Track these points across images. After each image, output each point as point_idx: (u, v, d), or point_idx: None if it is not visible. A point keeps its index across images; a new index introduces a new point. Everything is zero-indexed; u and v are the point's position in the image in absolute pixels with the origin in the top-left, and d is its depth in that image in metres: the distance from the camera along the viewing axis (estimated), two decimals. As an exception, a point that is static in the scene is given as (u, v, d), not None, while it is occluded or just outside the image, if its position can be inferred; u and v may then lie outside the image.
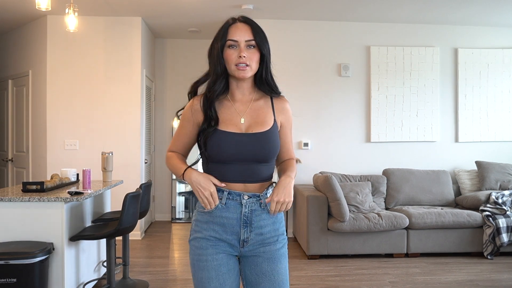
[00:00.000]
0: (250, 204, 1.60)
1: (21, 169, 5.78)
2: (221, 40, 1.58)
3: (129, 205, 3.09)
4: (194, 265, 1.63)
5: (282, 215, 1.69)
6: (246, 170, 1.59)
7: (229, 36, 1.57)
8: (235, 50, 1.57)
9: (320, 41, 5.47)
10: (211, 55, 1.63)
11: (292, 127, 1.75)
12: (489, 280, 3.88)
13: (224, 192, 1.59)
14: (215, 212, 1.60)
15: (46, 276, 2.73)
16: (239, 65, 1.56)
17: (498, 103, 5.63)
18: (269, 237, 1.63)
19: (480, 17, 5.31)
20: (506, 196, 4.78)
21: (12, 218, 2.83)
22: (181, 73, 6.55)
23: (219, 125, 1.59)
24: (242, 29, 1.58)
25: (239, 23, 1.59)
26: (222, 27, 1.60)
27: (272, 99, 1.68)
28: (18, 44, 5.79)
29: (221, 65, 1.59)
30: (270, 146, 1.60)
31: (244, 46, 1.56)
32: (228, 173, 1.59)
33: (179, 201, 6.59)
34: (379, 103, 5.48)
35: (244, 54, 1.55)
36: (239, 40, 1.56)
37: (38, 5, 3.48)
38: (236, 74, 1.58)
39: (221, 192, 1.60)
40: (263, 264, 1.62)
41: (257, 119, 1.62)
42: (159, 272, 4.08)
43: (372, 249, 4.53)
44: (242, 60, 1.55)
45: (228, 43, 1.57)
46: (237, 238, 1.60)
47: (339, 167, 5.30)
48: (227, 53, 1.58)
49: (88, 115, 5.28)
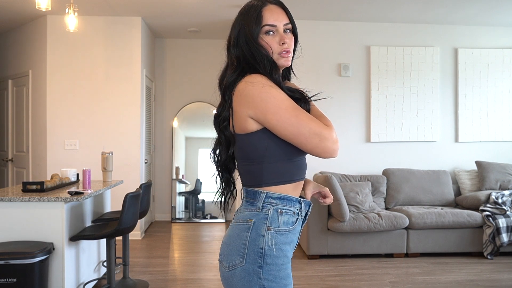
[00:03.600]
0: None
1: (21, 169, 5.78)
2: (255, 26, 1.35)
3: (129, 205, 3.09)
4: None
5: None
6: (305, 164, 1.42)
7: (266, 21, 1.35)
8: (273, 36, 1.36)
9: (320, 41, 5.47)
10: (246, 42, 1.36)
11: None
12: (489, 280, 3.88)
13: (300, 203, 1.37)
14: (297, 228, 1.37)
15: (46, 276, 2.73)
16: (282, 53, 1.37)
17: (498, 103, 5.63)
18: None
19: (480, 17, 5.31)
20: (506, 196, 4.78)
21: (12, 218, 2.83)
22: (181, 73, 6.56)
23: None
24: (278, 12, 1.38)
25: (271, 5, 1.38)
26: (252, 10, 1.37)
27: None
28: (18, 44, 5.79)
29: (267, 50, 1.36)
30: None
31: (282, 30, 1.37)
32: (304, 169, 1.40)
33: (179, 201, 6.59)
34: (379, 103, 5.48)
35: (287, 40, 1.37)
36: (277, 25, 1.36)
37: (38, 5, 3.48)
38: (280, 62, 1.38)
39: (297, 203, 1.37)
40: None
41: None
42: (159, 272, 4.08)
43: (372, 249, 4.54)
44: (285, 47, 1.36)
45: (265, 29, 1.36)
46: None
47: (339, 167, 5.30)
48: (266, 39, 1.36)
49: (88, 115, 5.28)
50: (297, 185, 1.37)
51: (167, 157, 6.57)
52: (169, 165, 6.58)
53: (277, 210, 1.32)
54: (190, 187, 6.67)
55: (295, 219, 1.35)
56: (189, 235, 5.76)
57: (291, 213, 1.34)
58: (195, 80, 6.52)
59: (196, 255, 4.73)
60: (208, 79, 6.42)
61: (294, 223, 1.34)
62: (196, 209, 6.66)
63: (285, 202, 1.33)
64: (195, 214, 6.64)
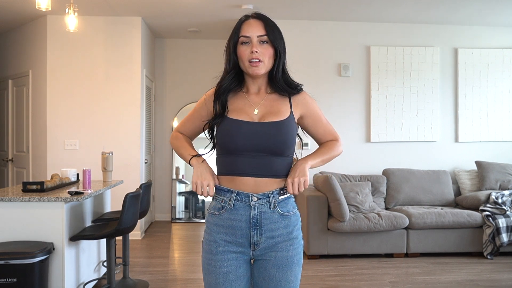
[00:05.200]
0: (260, 206, 1.53)
1: (21, 169, 5.78)
2: (234, 37, 1.56)
3: (129, 205, 3.09)
4: (204, 268, 1.60)
5: (298, 218, 1.62)
6: (258, 163, 1.52)
7: (242, 33, 1.55)
8: (247, 46, 1.54)
9: (320, 41, 5.47)
10: (226, 53, 1.60)
11: (320, 110, 1.70)
12: (489, 280, 3.88)
13: (232, 193, 1.54)
14: (224, 215, 1.56)
15: (46, 276, 2.73)
16: (251, 61, 1.52)
17: (498, 103, 5.62)
18: (281, 241, 1.56)
19: (480, 17, 5.31)
20: (506, 196, 4.78)
21: (12, 218, 2.83)
22: (181, 73, 6.56)
23: (230, 113, 1.56)
24: (255, 25, 1.55)
25: (251, 19, 1.57)
26: (236, 25, 1.58)
27: (289, 94, 1.62)
28: (18, 44, 5.79)
29: (231, 61, 1.57)
30: (284, 136, 1.53)
31: (256, 41, 1.53)
32: (239, 165, 1.53)
33: (179, 201, 6.60)
34: (379, 103, 5.48)
35: (256, 49, 1.52)
36: (251, 36, 1.53)
37: (38, 5, 3.48)
38: (250, 71, 1.54)
39: (229, 193, 1.55)
40: (271, 269, 1.55)
41: (271, 109, 1.57)
42: (159, 272, 4.08)
43: (372, 249, 4.53)
44: (254, 56, 1.52)
45: (240, 40, 1.55)
46: (247, 241, 1.55)
47: (339, 167, 5.29)
48: (240, 50, 1.55)
49: (88, 115, 5.28)
50: (233, 178, 1.55)
51: (167, 157, 6.57)
52: (169, 165, 6.58)
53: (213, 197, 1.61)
54: (190, 187, 6.67)
55: (221, 206, 1.57)
56: (189, 235, 5.76)
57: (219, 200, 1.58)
58: (195, 80, 6.52)
59: (196, 255, 4.73)
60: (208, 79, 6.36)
61: (221, 209, 1.57)
62: (196, 209, 6.66)
63: (217, 191, 1.59)
64: (195, 214, 6.64)
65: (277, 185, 1.56)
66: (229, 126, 1.53)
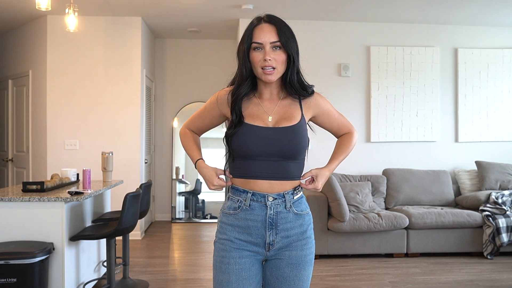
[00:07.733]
0: (275, 205, 1.55)
1: (21, 169, 5.78)
2: (246, 42, 1.55)
3: (129, 205, 3.09)
4: (216, 266, 1.59)
5: (310, 218, 1.65)
6: (273, 167, 1.55)
7: (254, 39, 1.53)
8: (260, 53, 1.53)
9: (320, 41, 5.47)
10: (238, 56, 1.59)
11: (331, 105, 1.75)
12: (489, 280, 3.88)
13: (248, 194, 1.56)
14: (239, 214, 1.57)
15: (46, 276, 2.73)
16: (265, 69, 1.52)
17: (498, 103, 5.62)
18: (295, 240, 1.59)
19: (480, 17, 5.31)
20: (506, 196, 4.78)
21: (12, 218, 2.83)
22: (181, 73, 6.56)
23: (246, 119, 1.57)
24: (267, 30, 1.53)
25: (264, 23, 1.55)
26: (247, 29, 1.56)
27: (299, 97, 1.64)
28: (18, 44, 5.79)
29: (246, 68, 1.56)
30: (297, 141, 1.56)
31: (269, 48, 1.52)
32: (254, 169, 1.55)
33: (179, 201, 6.60)
34: (379, 103, 5.48)
35: (269, 57, 1.51)
36: (263, 42, 1.52)
37: (38, 5, 3.48)
38: (263, 78, 1.54)
39: (245, 193, 1.56)
40: (285, 268, 1.58)
41: (285, 115, 1.59)
42: (159, 272, 4.08)
43: (372, 249, 4.54)
44: (267, 64, 1.51)
45: (253, 46, 1.54)
46: (262, 241, 1.56)
47: (339, 167, 5.28)
48: (252, 55, 1.54)
49: (88, 115, 5.28)
50: (247, 181, 1.57)
51: (167, 157, 6.57)
52: (169, 165, 6.58)
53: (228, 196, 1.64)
54: (190, 187, 6.67)
55: (237, 206, 1.58)
56: (189, 235, 5.76)
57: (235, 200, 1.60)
58: (195, 80, 6.52)
59: (196, 255, 4.73)
60: (208, 79, 6.42)
61: (237, 208, 1.58)
62: (196, 209, 6.66)
63: (233, 191, 1.61)
64: (195, 214, 6.64)
65: (290, 186, 1.59)
66: (245, 132, 1.55)
